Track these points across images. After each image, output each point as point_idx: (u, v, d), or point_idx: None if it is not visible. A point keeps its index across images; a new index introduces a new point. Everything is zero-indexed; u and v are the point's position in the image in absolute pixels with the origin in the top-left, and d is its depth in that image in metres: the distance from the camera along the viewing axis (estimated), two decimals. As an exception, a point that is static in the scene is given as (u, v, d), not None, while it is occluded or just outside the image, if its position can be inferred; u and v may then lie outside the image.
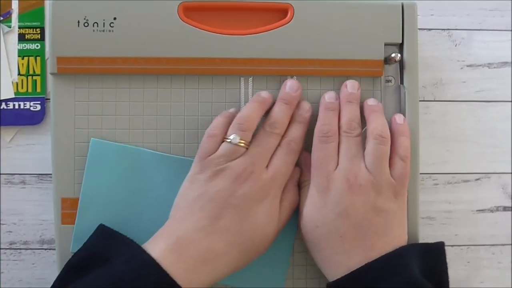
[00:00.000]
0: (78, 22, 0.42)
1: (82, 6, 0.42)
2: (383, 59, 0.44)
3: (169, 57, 0.42)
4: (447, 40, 0.51)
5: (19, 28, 0.49)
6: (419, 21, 0.44)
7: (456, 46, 0.51)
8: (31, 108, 0.48)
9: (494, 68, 0.51)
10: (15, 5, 0.49)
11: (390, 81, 0.45)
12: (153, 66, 0.42)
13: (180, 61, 0.42)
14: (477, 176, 0.51)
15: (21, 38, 0.49)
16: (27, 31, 0.49)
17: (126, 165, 0.42)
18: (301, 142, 0.42)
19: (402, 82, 0.44)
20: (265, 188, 0.40)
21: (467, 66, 0.51)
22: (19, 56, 0.48)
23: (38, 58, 0.48)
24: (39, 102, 0.48)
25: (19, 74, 0.48)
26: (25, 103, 0.48)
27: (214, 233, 0.38)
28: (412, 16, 0.44)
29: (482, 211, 0.51)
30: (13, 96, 0.48)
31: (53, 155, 0.43)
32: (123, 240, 0.39)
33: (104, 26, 0.42)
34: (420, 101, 0.46)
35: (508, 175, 0.51)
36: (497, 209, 0.51)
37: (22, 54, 0.48)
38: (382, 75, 0.44)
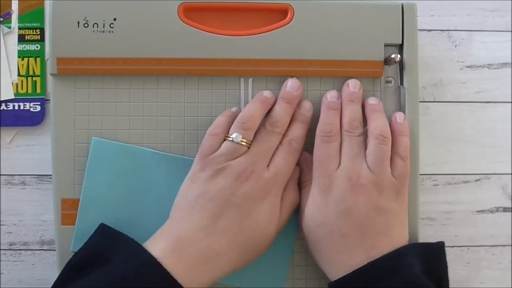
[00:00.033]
0: (78, 23, 0.42)
1: (82, 6, 0.42)
2: (383, 59, 0.44)
3: (169, 58, 0.42)
4: (447, 41, 0.51)
5: (19, 29, 0.49)
6: (419, 22, 0.44)
7: (456, 47, 0.51)
8: (31, 109, 0.48)
9: (494, 69, 0.51)
10: (15, 6, 0.49)
11: (390, 81, 0.45)
12: (153, 66, 0.42)
13: (180, 61, 0.42)
14: (477, 177, 0.51)
15: (21, 39, 0.49)
16: (27, 32, 0.49)
17: (128, 164, 0.42)
18: (302, 141, 0.42)
19: (402, 82, 0.44)
20: (266, 187, 0.40)
21: (467, 67, 0.51)
22: (19, 57, 0.48)
23: (38, 59, 0.48)
24: (39, 103, 0.48)
25: (19, 75, 0.48)
26: (25, 104, 0.48)
27: (215, 233, 0.38)
28: (412, 17, 0.44)
29: (482, 211, 0.51)
30: (13, 97, 0.48)
31: (53, 155, 0.43)
32: (124, 239, 0.39)
33: (104, 27, 0.42)
34: (420, 101, 0.46)
35: (508, 176, 0.51)
36: (497, 209, 0.51)
37: (22, 55, 0.48)
38: (382, 75, 0.44)
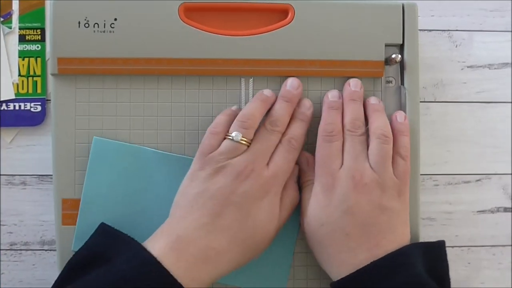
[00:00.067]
0: (79, 23, 0.42)
1: (82, 6, 0.42)
2: (383, 60, 0.44)
3: (169, 58, 0.42)
4: (448, 41, 0.51)
5: (20, 29, 0.49)
6: (420, 22, 0.44)
7: (456, 47, 0.51)
8: (32, 109, 0.48)
9: (495, 69, 0.51)
10: (15, 6, 0.49)
11: (391, 82, 0.45)
12: (154, 66, 0.42)
13: (180, 61, 0.42)
14: (477, 177, 0.51)
15: (22, 39, 0.49)
16: (27, 32, 0.49)
17: (129, 163, 0.42)
18: (302, 140, 0.42)
19: (402, 83, 0.44)
20: (266, 186, 0.40)
21: (468, 67, 0.51)
22: (19, 57, 0.48)
23: (39, 59, 0.48)
24: (39, 103, 0.48)
25: (19, 75, 0.48)
26: (25, 104, 0.48)
27: (215, 231, 0.38)
28: (412, 17, 0.44)
29: (483, 212, 0.51)
30: (13, 97, 0.48)
31: (54, 155, 0.43)
32: (124, 238, 0.39)
33: (104, 27, 0.42)
34: (420, 102, 0.46)
35: (508, 176, 0.51)
36: (497, 210, 0.51)
37: (22, 55, 0.48)
38: (382, 75, 0.44)
